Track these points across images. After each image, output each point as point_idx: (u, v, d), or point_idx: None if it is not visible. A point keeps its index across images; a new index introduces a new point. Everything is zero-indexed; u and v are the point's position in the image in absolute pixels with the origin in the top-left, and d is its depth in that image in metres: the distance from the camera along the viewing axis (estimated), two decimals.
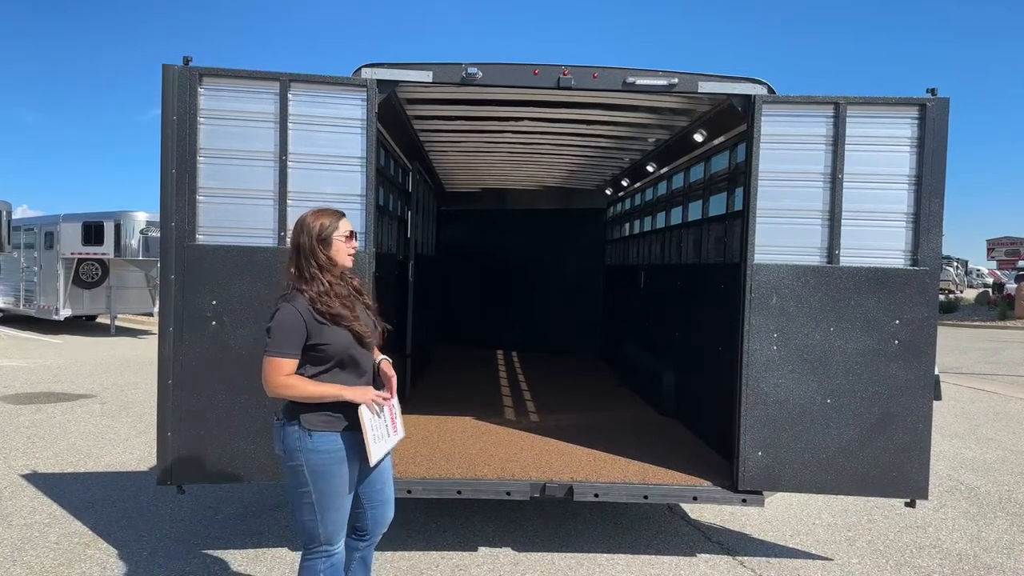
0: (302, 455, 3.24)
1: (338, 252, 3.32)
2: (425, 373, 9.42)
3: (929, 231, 4.78)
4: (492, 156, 9.25)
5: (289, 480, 3.33)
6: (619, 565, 4.92)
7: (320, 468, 3.25)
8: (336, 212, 3.39)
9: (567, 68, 4.92)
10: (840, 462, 4.80)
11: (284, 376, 3.16)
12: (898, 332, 4.76)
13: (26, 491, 6.18)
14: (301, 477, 3.26)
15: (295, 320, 3.16)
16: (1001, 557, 5.24)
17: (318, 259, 3.24)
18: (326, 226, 3.28)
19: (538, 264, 12.29)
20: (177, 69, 4.53)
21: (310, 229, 3.25)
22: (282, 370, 3.16)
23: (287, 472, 3.32)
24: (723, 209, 6.47)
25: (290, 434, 3.25)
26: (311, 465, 3.25)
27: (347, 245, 3.37)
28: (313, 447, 3.24)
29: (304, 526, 3.33)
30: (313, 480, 3.26)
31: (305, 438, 3.23)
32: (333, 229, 3.30)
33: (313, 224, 3.27)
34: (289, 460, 3.28)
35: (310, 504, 3.29)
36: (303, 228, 3.27)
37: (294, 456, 3.26)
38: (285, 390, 3.17)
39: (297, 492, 3.29)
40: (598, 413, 7.40)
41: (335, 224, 3.32)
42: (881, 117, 4.80)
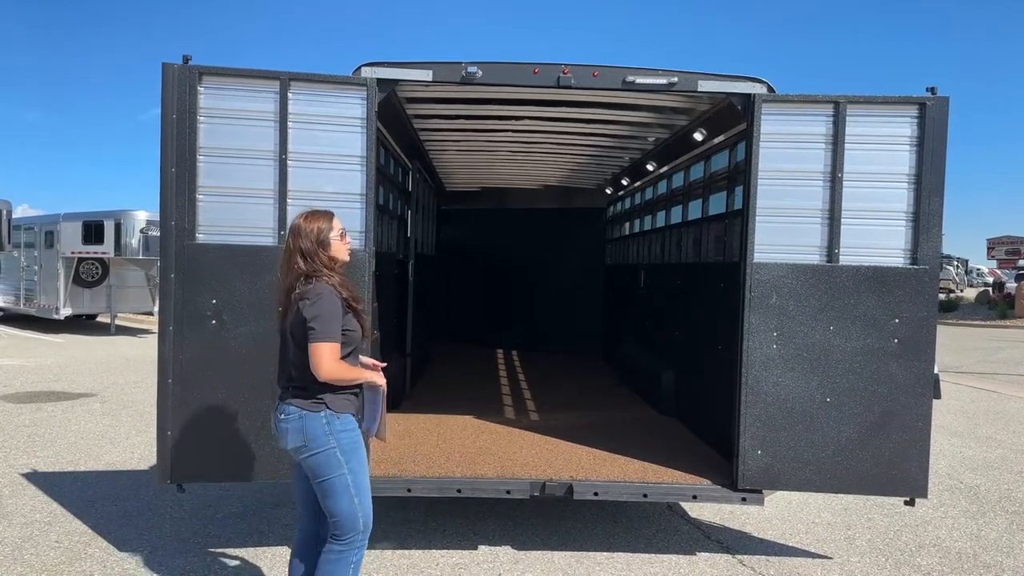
0: (333, 438, 3.33)
1: (337, 251, 3.46)
2: (425, 372, 9.43)
3: (929, 230, 4.78)
4: (492, 155, 9.25)
5: (319, 471, 3.35)
6: (619, 563, 4.92)
7: (351, 446, 3.38)
8: (326, 213, 3.49)
9: (567, 67, 4.92)
10: (840, 461, 4.80)
11: (339, 361, 3.29)
12: (898, 331, 4.76)
13: (27, 490, 6.19)
14: (333, 461, 3.33)
15: (337, 304, 3.30)
16: (1000, 556, 5.25)
17: (321, 260, 3.36)
18: (323, 229, 3.40)
19: (538, 263, 12.29)
20: (177, 68, 4.53)
21: (308, 233, 3.37)
22: (336, 354, 3.28)
23: (314, 464, 3.35)
24: (723, 208, 6.47)
25: (315, 422, 3.32)
26: (344, 446, 3.35)
27: (343, 243, 3.52)
28: (343, 427, 3.36)
29: (344, 515, 3.38)
30: (347, 460, 3.35)
31: (334, 421, 3.34)
32: (329, 230, 3.42)
33: (310, 228, 3.38)
34: (316, 448, 3.32)
35: (346, 488, 3.36)
36: (301, 233, 3.37)
37: (323, 442, 3.32)
38: (340, 374, 3.29)
39: (331, 480, 3.34)
40: (598, 412, 7.41)
41: (330, 225, 3.44)
42: (881, 116, 4.80)
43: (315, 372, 3.24)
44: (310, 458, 3.35)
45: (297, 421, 3.34)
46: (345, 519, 3.39)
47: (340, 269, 3.47)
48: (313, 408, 3.35)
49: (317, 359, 3.23)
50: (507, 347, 12.42)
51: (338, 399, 3.37)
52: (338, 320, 3.29)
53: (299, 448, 3.36)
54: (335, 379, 3.28)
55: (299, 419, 3.34)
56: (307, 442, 3.34)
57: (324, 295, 3.28)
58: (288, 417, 3.36)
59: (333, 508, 3.38)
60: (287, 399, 3.40)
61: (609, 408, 7.65)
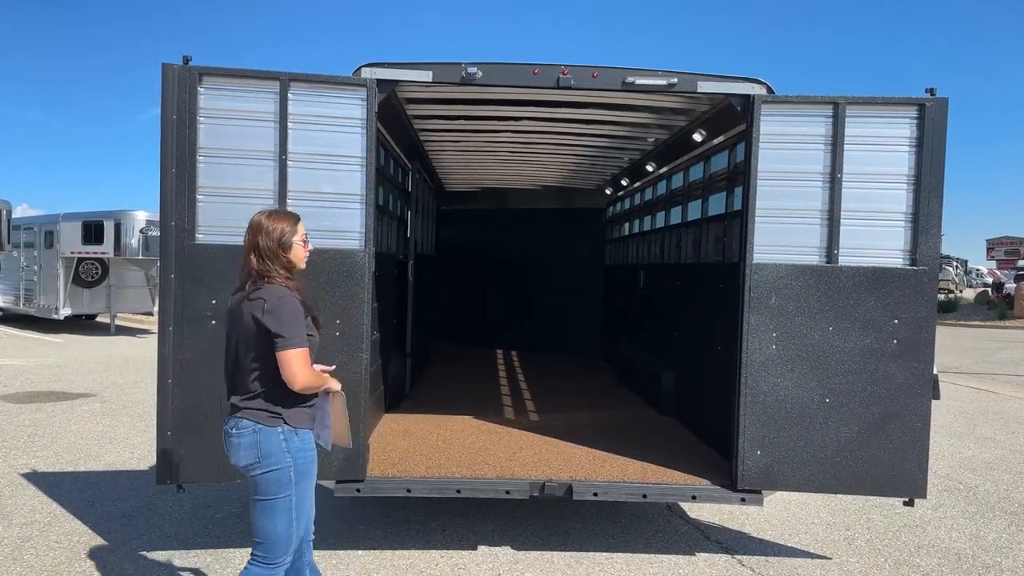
0: (289, 456, 3.17)
1: (296, 256, 3.30)
2: (425, 372, 9.43)
3: (928, 231, 4.79)
4: (492, 156, 9.25)
5: (267, 489, 3.17)
6: (618, 564, 4.93)
7: (306, 467, 3.23)
8: (292, 215, 3.37)
9: (566, 68, 4.92)
10: (839, 461, 4.81)
11: (311, 367, 3.15)
12: (897, 331, 4.77)
13: (26, 490, 6.19)
14: (285, 480, 3.17)
15: (299, 308, 3.15)
16: (1000, 556, 5.25)
17: (280, 261, 3.21)
18: (286, 231, 3.25)
19: (538, 264, 12.30)
20: (177, 68, 4.54)
21: (269, 232, 3.21)
22: (308, 360, 3.13)
23: (263, 481, 3.17)
24: (722, 209, 6.48)
25: (272, 437, 3.15)
26: (299, 465, 3.20)
27: (304, 249, 3.37)
28: (301, 446, 3.21)
29: (278, 538, 3.21)
30: (297, 481, 3.20)
31: (292, 438, 3.18)
32: (292, 233, 3.27)
33: (272, 228, 3.22)
34: (270, 466, 3.15)
35: (288, 510, 3.20)
36: (261, 230, 3.21)
37: (277, 460, 3.15)
38: (314, 381, 3.15)
39: (275, 501, 3.17)
40: (597, 412, 7.41)
41: (294, 228, 3.29)
42: (880, 117, 4.81)
43: (289, 382, 3.07)
44: (261, 475, 3.17)
45: (251, 436, 3.16)
46: (278, 542, 3.22)
47: (296, 276, 3.29)
48: (269, 423, 3.17)
49: (290, 368, 3.05)
50: (507, 347, 12.42)
51: (296, 413, 3.21)
52: (303, 324, 3.13)
53: (251, 465, 3.18)
54: (310, 387, 3.14)
55: (253, 434, 3.15)
56: (261, 459, 3.15)
57: (285, 299, 3.11)
58: (241, 432, 3.17)
59: (268, 528, 3.20)
60: (240, 412, 3.20)
61: (609, 408, 7.66)
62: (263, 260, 3.17)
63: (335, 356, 4.68)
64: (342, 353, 4.66)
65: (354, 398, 4.71)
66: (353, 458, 4.73)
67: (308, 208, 4.71)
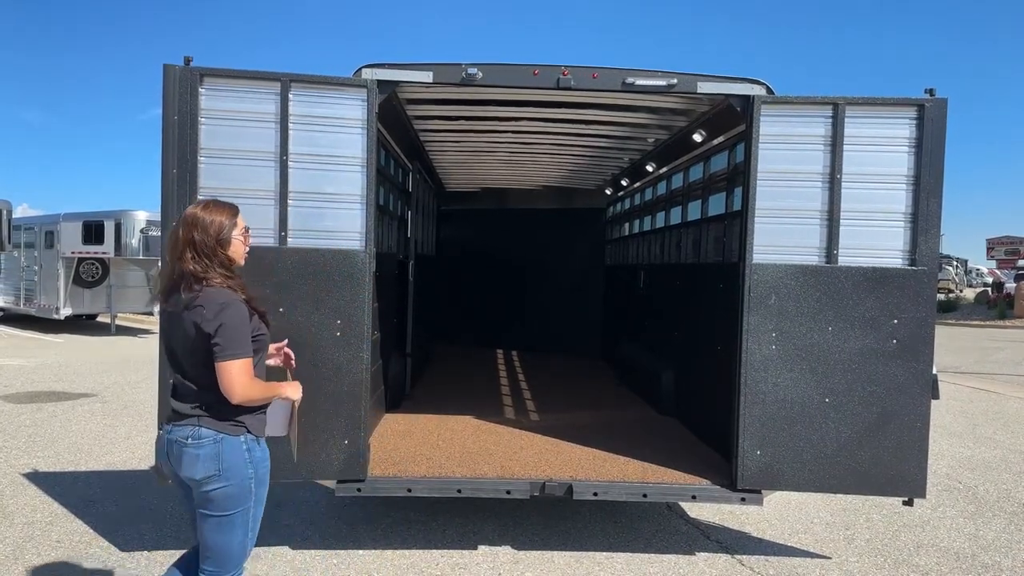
0: (251, 467, 3.00)
1: (236, 251, 3.09)
2: (425, 372, 9.44)
3: (927, 231, 4.80)
4: (492, 156, 9.26)
5: (225, 504, 2.97)
6: (618, 563, 4.94)
7: (264, 477, 3.08)
8: (230, 206, 3.12)
9: (567, 68, 4.93)
10: (838, 461, 4.82)
11: (253, 379, 2.94)
12: (896, 331, 4.78)
13: (27, 490, 6.20)
14: (245, 494, 3.00)
15: (244, 312, 2.94)
16: (999, 556, 5.26)
17: (218, 259, 2.98)
18: (225, 225, 3.02)
19: (538, 264, 12.31)
20: (178, 69, 4.55)
21: (206, 227, 2.97)
22: (249, 371, 2.92)
23: (222, 496, 2.95)
24: (722, 209, 6.49)
25: (234, 448, 2.95)
26: (259, 476, 3.04)
27: (244, 244, 3.16)
28: (262, 456, 3.05)
29: (231, 552, 3.04)
30: (257, 492, 3.05)
31: (255, 448, 3.02)
32: (232, 227, 3.05)
33: (209, 222, 2.98)
34: (232, 479, 2.95)
35: (244, 524, 3.04)
36: (197, 224, 2.96)
37: (240, 472, 2.96)
38: (255, 394, 2.94)
39: (233, 514, 2.99)
40: (598, 412, 7.42)
41: (233, 222, 3.07)
42: (879, 117, 4.82)
43: (227, 394, 2.86)
44: (219, 490, 2.94)
45: (212, 447, 2.92)
46: (233, 556, 3.06)
47: (236, 274, 3.08)
48: (233, 431, 2.96)
49: (228, 381, 2.84)
50: (507, 347, 12.43)
51: (257, 420, 3.04)
52: (247, 330, 2.92)
53: (209, 478, 2.93)
54: (250, 400, 2.93)
55: (215, 444, 2.92)
56: (222, 471, 2.92)
57: (228, 304, 2.89)
58: (201, 442, 2.91)
59: (221, 544, 3.01)
60: (195, 421, 2.94)
61: (609, 408, 7.67)
62: (200, 258, 2.92)
63: (335, 356, 4.70)
64: (342, 353, 4.68)
65: (355, 398, 4.74)
66: (354, 458, 4.74)
67: (309, 208, 4.74)
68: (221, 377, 2.85)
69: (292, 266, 4.65)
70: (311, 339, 4.63)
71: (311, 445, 4.66)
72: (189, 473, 2.94)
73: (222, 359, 2.84)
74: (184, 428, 2.96)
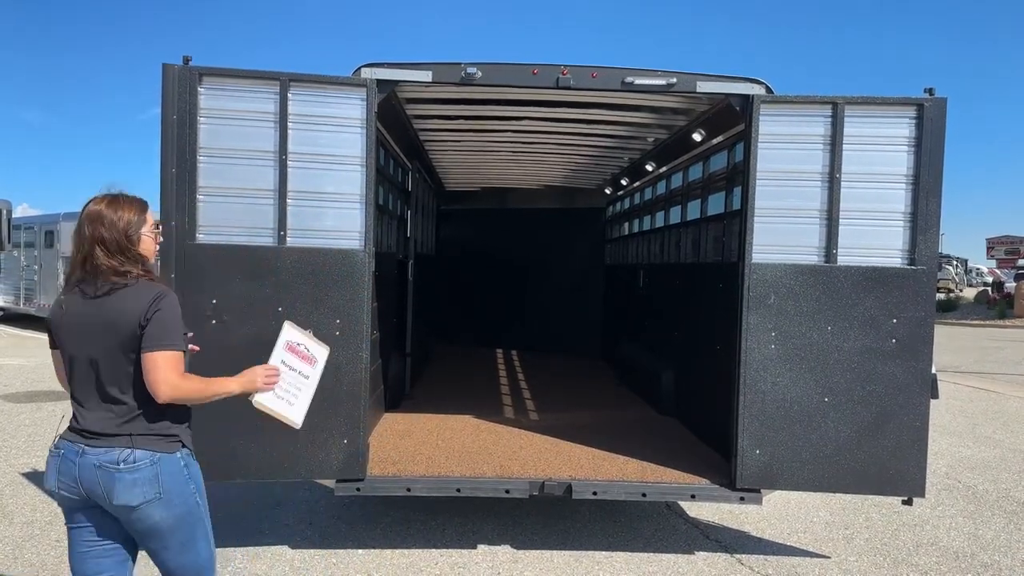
0: (192, 483, 2.77)
1: (147, 248, 2.83)
2: (425, 372, 9.44)
3: (926, 231, 4.80)
4: (492, 155, 9.27)
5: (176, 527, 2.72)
6: (618, 563, 4.94)
7: (203, 486, 2.86)
8: (138, 201, 2.83)
9: (566, 68, 4.93)
10: (838, 460, 4.82)
11: (183, 373, 2.68)
12: (895, 331, 4.78)
13: (27, 489, 6.20)
14: (194, 509, 2.77)
15: (178, 306, 2.73)
16: (998, 555, 5.26)
17: (131, 256, 2.72)
18: (132, 222, 2.74)
19: (538, 263, 12.31)
20: (177, 68, 4.55)
21: (114, 223, 2.70)
22: (181, 366, 2.67)
23: (170, 519, 2.69)
24: (722, 208, 6.49)
25: (172, 467, 2.69)
26: (200, 487, 2.82)
27: (155, 240, 2.90)
28: (196, 467, 2.83)
29: (203, 564, 2.85)
30: (204, 503, 2.84)
31: (191, 461, 2.78)
32: (140, 224, 2.78)
33: (116, 219, 2.71)
34: (173, 500, 2.69)
35: (206, 533, 2.85)
36: (103, 221, 2.69)
37: (181, 491, 2.71)
38: (187, 390, 2.67)
39: (194, 531, 2.78)
40: (597, 412, 7.42)
41: (142, 218, 2.80)
42: (879, 117, 4.82)
43: (153, 391, 2.58)
44: (165, 513, 2.67)
45: (149, 469, 2.62)
46: (206, 568, 2.85)
47: (152, 270, 2.84)
48: (168, 449, 2.69)
49: (155, 375, 2.57)
50: (507, 347, 12.43)
51: (189, 432, 2.82)
52: (181, 322, 2.70)
53: (147, 503, 2.63)
54: (181, 398, 2.65)
55: (152, 466, 2.63)
56: (163, 494, 2.64)
57: (164, 294, 2.68)
58: (138, 465, 2.60)
59: (190, 562, 2.79)
60: (127, 441, 2.62)
61: (609, 408, 7.67)
62: (112, 256, 2.66)
63: (335, 356, 4.69)
64: (342, 353, 4.67)
65: (354, 398, 4.73)
66: (353, 457, 4.74)
67: (308, 208, 4.74)
68: (148, 371, 2.58)
69: (291, 266, 4.65)
70: None
71: (310, 445, 4.66)
72: (124, 501, 2.61)
73: (151, 349, 2.58)
74: (112, 451, 2.61)
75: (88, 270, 2.68)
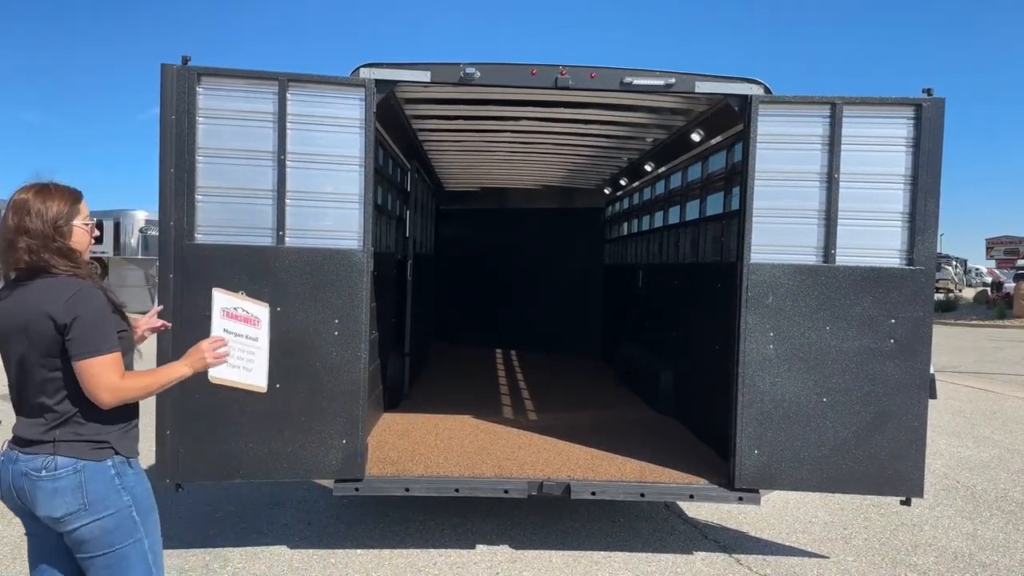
0: (125, 494, 2.54)
1: (79, 241, 2.61)
2: (424, 372, 9.44)
3: (924, 231, 4.81)
4: (490, 156, 9.27)
5: (105, 541, 2.51)
6: (616, 563, 4.94)
7: (146, 499, 2.63)
8: (69, 191, 2.63)
9: (565, 68, 4.93)
10: (836, 460, 4.82)
11: (124, 374, 2.51)
12: (894, 331, 4.78)
13: None
14: (128, 524, 2.54)
15: (103, 301, 2.52)
16: (997, 555, 5.27)
17: (59, 250, 2.52)
18: (62, 213, 2.54)
19: (537, 263, 12.31)
20: (176, 68, 4.55)
21: (40, 214, 2.51)
22: (119, 367, 2.48)
23: (97, 532, 2.49)
24: (720, 209, 6.49)
25: (99, 475, 2.49)
26: (139, 501, 2.59)
27: (89, 233, 2.68)
28: (136, 478, 2.60)
29: None
30: (143, 519, 2.59)
31: (125, 471, 2.56)
32: (72, 215, 2.58)
33: (43, 209, 2.51)
34: (103, 511, 2.49)
35: (143, 557, 2.59)
36: (28, 211, 2.50)
37: (113, 502, 2.51)
38: (133, 390, 2.50)
39: (123, 551, 2.54)
40: (596, 412, 7.43)
41: (74, 209, 2.60)
42: (877, 117, 4.83)
43: (95, 400, 2.43)
44: (89, 526, 2.47)
45: (72, 477, 2.45)
46: None
47: (83, 265, 2.60)
48: (95, 456, 2.49)
49: (93, 382, 2.41)
50: (506, 347, 12.44)
51: (126, 437, 2.58)
52: (110, 321, 2.50)
53: (71, 515, 2.46)
54: (124, 399, 2.49)
55: (75, 474, 2.45)
56: (89, 504, 2.46)
57: (82, 292, 2.46)
58: (58, 474, 2.44)
59: None
60: (49, 448, 2.47)
61: (607, 408, 7.67)
62: (34, 251, 2.47)
63: (333, 356, 4.70)
64: (340, 353, 4.68)
65: (353, 397, 4.74)
66: (352, 457, 4.74)
67: (307, 208, 4.74)
68: (84, 380, 2.42)
69: (290, 266, 4.65)
70: (309, 339, 4.63)
71: (309, 444, 4.67)
72: (47, 512, 2.47)
73: (81, 357, 2.41)
74: (35, 458, 2.46)
75: (9, 263, 2.51)
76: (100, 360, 2.42)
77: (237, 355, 2.82)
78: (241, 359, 2.84)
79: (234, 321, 2.84)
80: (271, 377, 2.97)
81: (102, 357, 2.43)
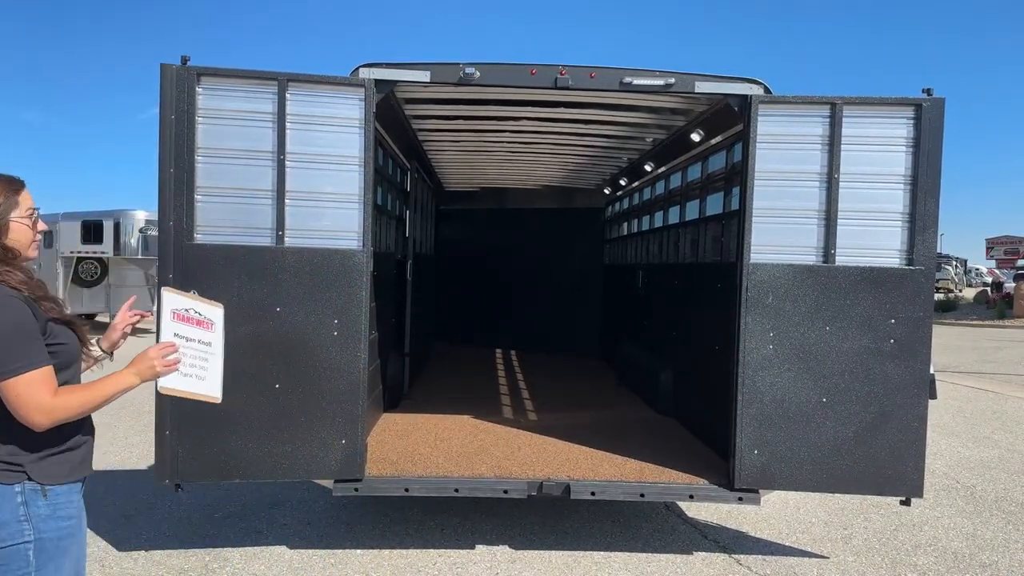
0: (28, 527, 2.22)
1: (18, 237, 2.34)
2: (423, 372, 9.44)
3: (924, 231, 4.80)
4: (490, 156, 9.27)
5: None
6: (616, 563, 4.94)
7: (56, 543, 2.27)
8: (10, 182, 2.36)
9: (564, 68, 4.93)
10: (836, 460, 4.82)
11: (57, 392, 2.24)
12: (893, 331, 4.78)
13: None
14: (17, 563, 2.21)
15: (25, 314, 2.23)
16: (996, 555, 5.26)
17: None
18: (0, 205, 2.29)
19: (537, 263, 12.32)
20: (175, 68, 4.54)
21: None
22: (49, 384, 2.23)
23: None
24: (720, 209, 6.49)
25: (5, 500, 2.21)
26: (45, 541, 2.25)
27: (32, 229, 2.40)
28: (50, 512, 2.26)
29: None
30: (40, 564, 2.24)
31: (36, 501, 2.24)
32: (10, 208, 2.31)
33: None
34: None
35: None
36: None
37: (9, 532, 2.20)
38: (69, 408, 2.25)
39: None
40: (596, 412, 7.42)
41: (12, 200, 2.32)
42: (877, 117, 4.82)
43: (26, 421, 2.19)
44: None
45: None
46: None
47: (20, 266, 2.32)
48: (4, 479, 2.22)
49: (18, 403, 2.17)
50: (506, 347, 12.44)
51: (48, 462, 2.28)
52: (30, 335, 2.21)
53: None
54: (63, 420, 2.25)
55: None
56: None
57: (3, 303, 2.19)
58: None
59: None
60: None
61: (607, 408, 7.67)
62: None
63: (333, 356, 4.69)
64: (340, 353, 4.67)
65: (352, 397, 4.73)
66: (351, 457, 4.74)
67: (306, 208, 4.74)
68: (10, 403, 2.18)
69: (289, 266, 4.65)
70: (308, 339, 4.63)
71: (308, 445, 4.66)
72: None
73: (6, 377, 2.16)
74: None
75: None
76: (25, 378, 2.17)
77: (189, 362, 2.61)
78: (193, 367, 2.62)
79: (186, 324, 2.63)
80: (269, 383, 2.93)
81: (26, 375, 2.17)
